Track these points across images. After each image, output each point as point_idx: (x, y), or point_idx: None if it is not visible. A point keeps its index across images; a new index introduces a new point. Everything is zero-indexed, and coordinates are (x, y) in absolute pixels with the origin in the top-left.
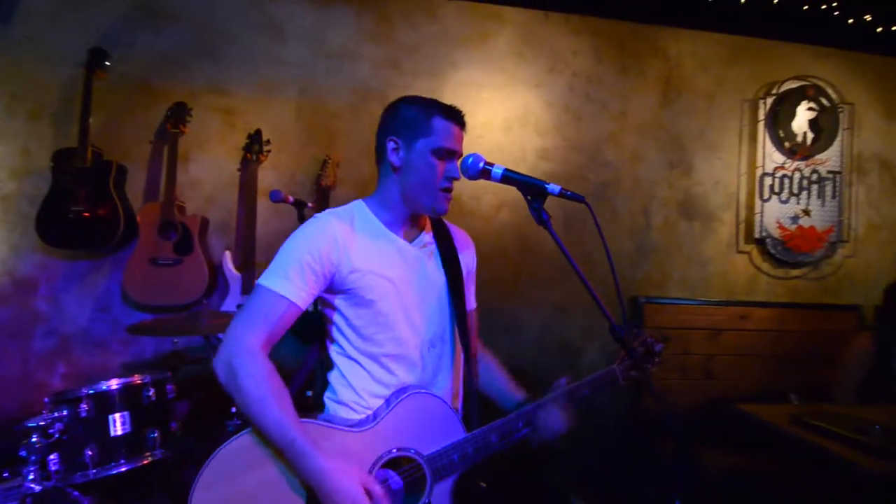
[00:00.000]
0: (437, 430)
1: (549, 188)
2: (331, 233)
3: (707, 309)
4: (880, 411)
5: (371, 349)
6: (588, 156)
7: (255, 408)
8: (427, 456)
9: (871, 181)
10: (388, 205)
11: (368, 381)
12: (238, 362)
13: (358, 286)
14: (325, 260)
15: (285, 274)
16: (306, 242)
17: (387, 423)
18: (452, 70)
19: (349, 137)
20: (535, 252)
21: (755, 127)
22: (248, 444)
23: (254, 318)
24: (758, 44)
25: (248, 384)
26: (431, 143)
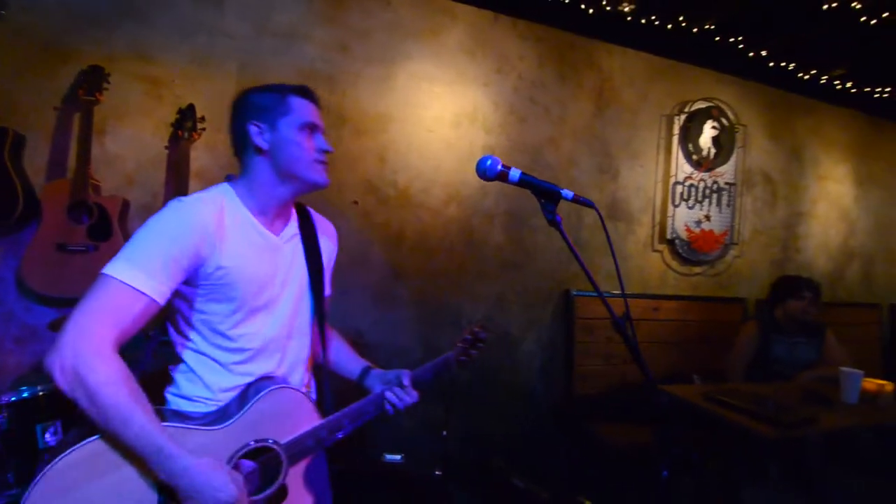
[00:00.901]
0: (294, 420)
1: (563, 193)
2: (201, 224)
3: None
4: (765, 387)
5: (228, 344)
6: (530, 157)
7: (115, 418)
8: (284, 444)
9: (757, 193)
10: (258, 191)
11: (222, 376)
12: (85, 368)
13: (223, 283)
14: (192, 254)
15: (147, 267)
16: (174, 232)
17: (246, 419)
18: (405, 61)
19: None
20: (480, 246)
21: (670, 140)
22: (91, 453)
23: (103, 314)
24: (675, 65)
25: (104, 392)
26: (295, 121)
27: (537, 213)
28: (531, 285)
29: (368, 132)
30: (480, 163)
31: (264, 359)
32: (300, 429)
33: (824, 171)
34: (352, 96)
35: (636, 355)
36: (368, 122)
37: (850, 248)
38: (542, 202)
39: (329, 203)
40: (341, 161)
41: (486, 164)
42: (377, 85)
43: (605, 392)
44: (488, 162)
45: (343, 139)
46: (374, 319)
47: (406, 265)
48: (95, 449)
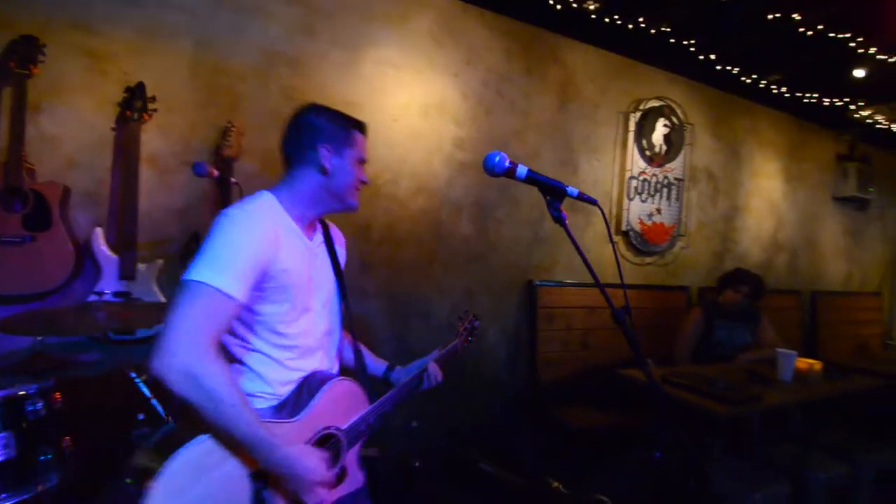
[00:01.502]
0: (350, 407)
1: (568, 190)
2: (267, 232)
3: (585, 290)
4: (711, 369)
5: (283, 342)
6: (497, 148)
7: (230, 412)
8: (344, 429)
9: (701, 188)
10: (303, 202)
11: (280, 372)
12: (201, 369)
13: (281, 285)
14: (263, 259)
15: (232, 272)
16: (248, 240)
17: (315, 410)
18: (371, 46)
19: (255, 103)
20: (448, 238)
21: (626, 136)
22: (202, 452)
23: (202, 318)
24: (633, 64)
25: (221, 392)
26: (355, 154)
27: (503, 204)
28: (496, 276)
29: None
30: (489, 159)
31: (311, 355)
32: (355, 415)
33: (758, 168)
34: (317, 80)
35: (634, 346)
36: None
37: (778, 241)
38: (548, 199)
39: None
40: None
41: (495, 160)
42: (343, 69)
43: (566, 377)
44: (497, 158)
45: None
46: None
47: (374, 257)
48: (205, 447)
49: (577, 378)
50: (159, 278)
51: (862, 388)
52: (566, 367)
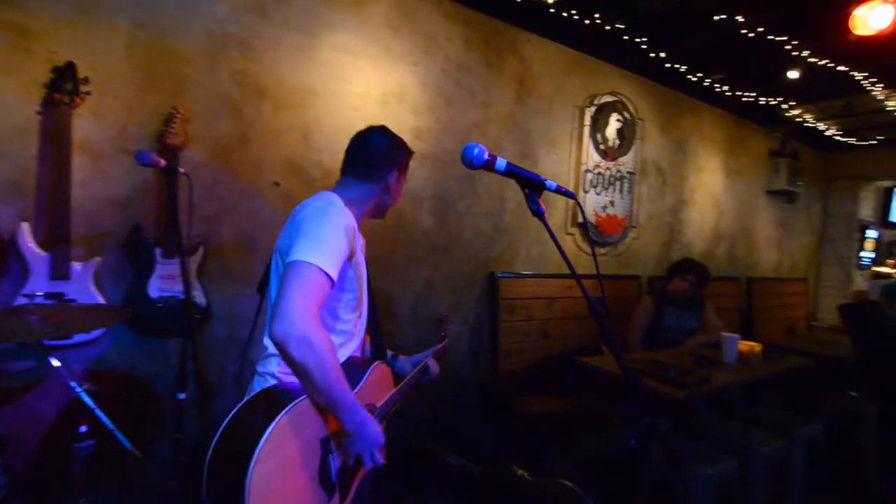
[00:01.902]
0: (383, 388)
1: (547, 184)
2: (352, 226)
3: (544, 281)
4: (662, 354)
5: (340, 326)
6: (458, 140)
7: (334, 374)
8: (379, 406)
9: (650, 182)
10: (358, 207)
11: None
12: (316, 337)
13: (353, 274)
14: (349, 248)
15: (332, 255)
16: (342, 231)
17: (364, 386)
18: (328, 31)
19: (203, 89)
20: (409, 230)
21: (582, 130)
22: (299, 412)
23: (312, 295)
24: (587, 59)
25: (329, 357)
26: (403, 181)
27: (464, 196)
28: (458, 269)
29: (290, 106)
30: (468, 151)
31: (353, 342)
32: (386, 395)
33: (702, 163)
34: (270, 65)
35: (608, 338)
36: (290, 94)
37: (719, 231)
38: (527, 192)
39: (248, 184)
40: (261, 138)
41: (474, 152)
42: (299, 55)
43: (527, 367)
44: (475, 150)
45: (263, 113)
46: None
47: None
48: (302, 407)
49: (537, 367)
50: (98, 277)
51: (795, 366)
52: (527, 357)
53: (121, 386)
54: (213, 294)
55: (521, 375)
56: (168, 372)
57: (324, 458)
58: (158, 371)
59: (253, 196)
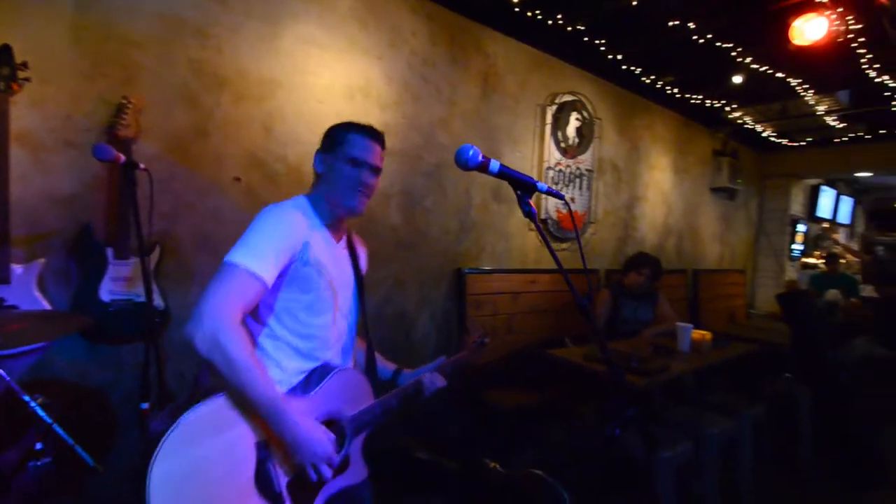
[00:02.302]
0: (356, 398)
1: (538, 186)
2: (297, 225)
3: (510, 276)
4: (621, 344)
5: (304, 330)
6: (424, 136)
7: (246, 374)
8: (349, 418)
9: (607, 179)
10: (321, 207)
11: (296, 360)
12: (224, 336)
13: (308, 275)
14: (291, 247)
15: (262, 254)
16: (279, 228)
17: (319, 395)
18: (291, 21)
19: (157, 77)
20: (377, 227)
21: (544, 128)
22: (214, 410)
23: (231, 295)
24: (549, 59)
25: (239, 354)
26: (346, 153)
27: (430, 193)
28: (426, 265)
29: (251, 97)
30: (462, 153)
31: (328, 348)
32: (361, 405)
33: (653, 161)
34: (229, 54)
35: (597, 333)
36: (251, 85)
37: (668, 226)
38: (519, 193)
39: (207, 179)
40: (220, 130)
41: (469, 154)
42: (260, 44)
43: (494, 361)
44: (470, 152)
45: (222, 104)
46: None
47: None
48: (220, 405)
49: (504, 361)
50: (42, 280)
51: (742, 352)
52: (493, 351)
53: (70, 397)
54: (171, 296)
55: (489, 370)
56: (123, 380)
57: (261, 463)
58: (112, 379)
59: (212, 192)
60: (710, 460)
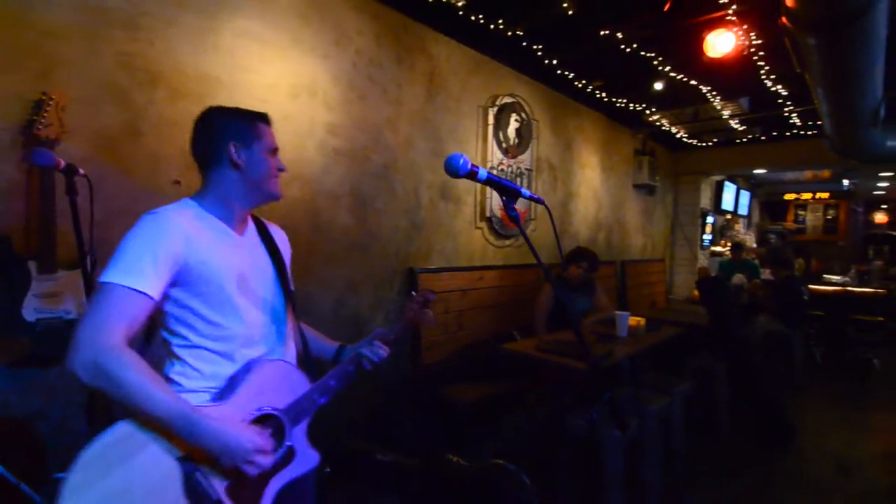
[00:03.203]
0: (288, 387)
1: (522, 192)
2: (178, 227)
3: (459, 274)
4: (565, 334)
5: (219, 333)
6: (371, 137)
7: (140, 393)
8: (283, 409)
9: (545, 177)
10: (226, 202)
11: (219, 365)
12: (106, 360)
13: (204, 276)
14: (174, 253)
15: (137, 268)
16: (157, 235)
17: (247, 392)
18: (230, 15)
19: (81, 71)
20: (327, 229)
21: (486, 129)
22: (120, 437)
23: (109, 316)
24: (489, 62)
25: (127, 374)
26: (265, 145)
27: (380, 194)
28: (378, 266)
29: (189, 95)
30: (453, 161)
31: (252, 346)
32: (295, 394)
33: (584, 160)
34: (163, 48)
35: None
36: (188, 82)
37: (599, 221)
38: (504, 199)
39: (143, 182)
40: (155, 129)
41: (459, 162)
42: (197, 38)
43: (447, 357)
44: (461, 161)
45: (156, 102)
46: None
47: None
48: (124, 431)
49: (457, 357)
50: None
51: (671, 335)
52: (446, 348)
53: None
54: None
55: (442, 366)
56: (53, 407)
57: (188, 477)
58: (40, 407)
59: (149, 196)
60: (651, 434)
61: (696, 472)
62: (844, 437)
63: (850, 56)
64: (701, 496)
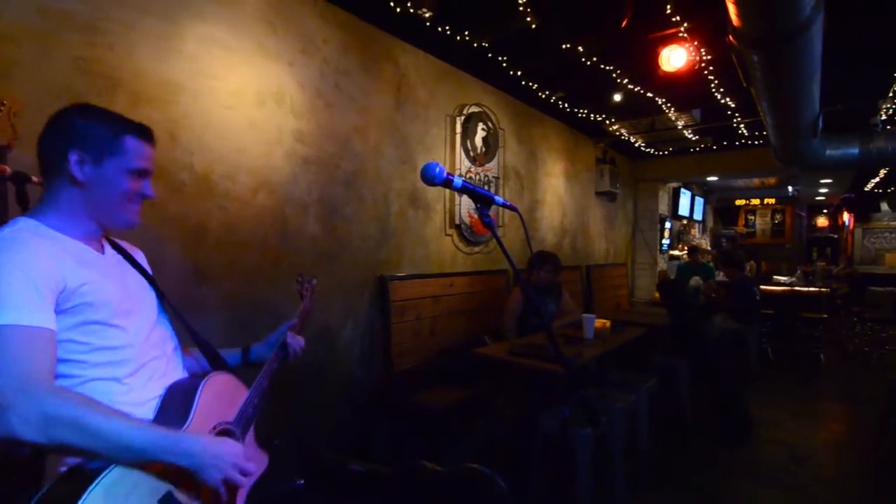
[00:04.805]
0: (232, 398)
1: (496, 199)
2: (41, 248)
3: (430, 281)
4: (535, 337)
5: (115, 357)
6: (340, 144)
7: (109, 431)
8: (233, 420)
9: (511, 185)
10: (72, 219)
11: (128, 392)
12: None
13: (88, 299)
14: (51, 277)
15: (27, 301)
16: (23, 262)
17: (199, 412)
18: (193, 20)
19: (35, 75)
20: (295, 238)
21: (454, 138)
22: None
23: (24, 361)
24: (455, 72)
25: (84, 412)
26: (125, 164)
27: (349, 202)
28: (348, 274)
29: (152, 101)
30: (429, 170)
31: (150, 366)
32: (238, 403)
33: (549, 168)
34: (123, 53)
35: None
36: (150, 88)
37: (564, 227)
38: (478, 206)
39: None
40: None
41: (435, 171)
42: (159, 43)
43: (419, 364)
44: (437, 170)
45: (116, 108)
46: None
47: (211, 264)
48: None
49: (429, 363)
50: None
51: (635, 335)
52: (418, 355)
53: None
54: None
55: (415, 373)
56: None
57: None
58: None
59: None
60: (619, 431)
61: (662, 464)
62: (796, 427)
63: (789, 72)
64: (667, 488)
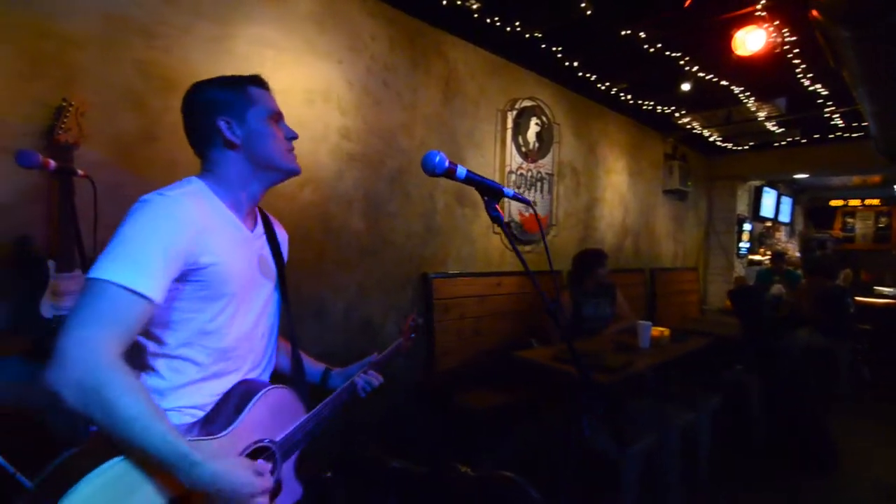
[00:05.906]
0: (285, 417)
1: (505, 191)
2: (190, 218)
3: (475, 280)
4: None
5: (214, 344)
6: (385, 141)
7: (136, 428)
8: (278, 441)
9: (567, 182)
10: (230, 187)
11: (204, 382)
12: (99, 381)
13: (214, 278)
14: (184, 249)
15: (144, 267)
16: (165, 228)
17: (244, 423)
18: (245, 23)
19: (100, 78)
20: (339, 233)
21: (505, 133)
22: (112, 477)
23: (102, 324)
24: (507, 64)
25: (123, 403)
26: (262, 111)
27: (393, 198)
28: (391, 271)
29: None
30: (429, 159)
31: (244, 360)
32: (291, 425)
33: (610, 165)
34: (179, 55)
35: (563, 333)
36: None
37: (626, 226)
38: (486, 199)
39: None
40: (172, 135)
41: (435, 160)
42: (211, 46)
43: (462, 364)
44: (437, 159)
45: (172, 108)
46: None
47: None
48: (116, 472)
49: (472, 364)
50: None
51: (698, 346)
52: (462, 355)
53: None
54: None
55: (457, 373)
56: None
57: None
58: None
59: None
60: (673, 449)
61: (721, 488)
62: (888, 459)
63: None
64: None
